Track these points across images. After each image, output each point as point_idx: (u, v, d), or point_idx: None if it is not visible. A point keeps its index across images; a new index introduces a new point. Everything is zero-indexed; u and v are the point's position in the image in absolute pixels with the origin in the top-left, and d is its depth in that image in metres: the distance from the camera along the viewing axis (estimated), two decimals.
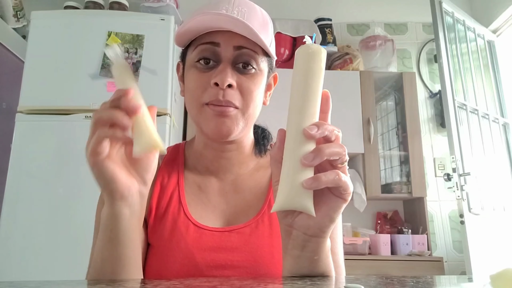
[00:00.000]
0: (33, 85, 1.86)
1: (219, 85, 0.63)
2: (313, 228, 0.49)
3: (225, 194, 0.72)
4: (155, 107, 0.54)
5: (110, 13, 2.20)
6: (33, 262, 1.68)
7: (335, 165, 0.47)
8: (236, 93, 0.65)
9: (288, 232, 0.51)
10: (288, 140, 0.46)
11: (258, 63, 0.67)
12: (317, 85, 0.46)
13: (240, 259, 0.65)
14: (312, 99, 0.46)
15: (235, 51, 0.65)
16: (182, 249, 0.65)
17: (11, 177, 1.76)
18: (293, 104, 0.47)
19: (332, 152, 0.45)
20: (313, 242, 0.50)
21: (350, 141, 2.38)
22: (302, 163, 0.44)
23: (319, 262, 0.52)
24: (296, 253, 0.51)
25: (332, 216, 0.48)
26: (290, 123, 0.46)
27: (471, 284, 0.53)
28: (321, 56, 0.47)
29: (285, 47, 2.60)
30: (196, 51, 0.67)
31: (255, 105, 0.68)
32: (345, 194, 0.47)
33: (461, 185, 1.95)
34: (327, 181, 0.44)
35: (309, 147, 0.45)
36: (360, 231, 2.46)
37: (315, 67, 0.46)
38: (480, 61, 2.47)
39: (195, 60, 0.67)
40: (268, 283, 0.45)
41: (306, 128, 0.45)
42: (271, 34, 0.70)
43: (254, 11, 0.67)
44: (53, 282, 0.47)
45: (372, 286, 0.44)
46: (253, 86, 0.66)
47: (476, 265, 1.84)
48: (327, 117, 0.49)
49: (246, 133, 0.72)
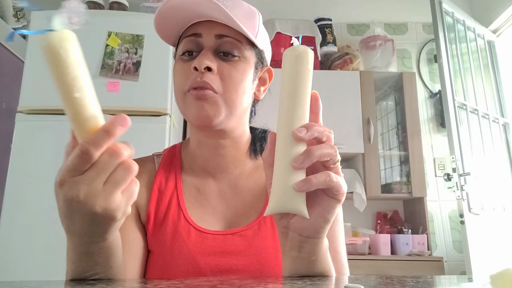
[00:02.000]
0: (33, 85, 1.86)
1: (198, 68, 0.63)
2: (308, 230, 0.48)
3: (224, 195, 0.71)
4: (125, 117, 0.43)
5: (110, 13, 2.19)
6: (33, 262, 1.68)
7: (327, 165, 0.46)
8: (216, 78, 0.64)
9: (285, 233, 0.51)
10: (279, 143, 0.46)
11: (241, 51, 0.66)
12: (305, 86, 0.46)
13: (244, 262, 0.64)
14: (301, 101, 0.46)
15: (217, 39, 0.65)
16: (184, 255, 0.64)
17: (11, 177, 1.76)
18: (282, 107, 0.46)
19: (322, 153, 0.44)
20: (309, 243, 0.49)
21: (350, 141, 2.38)
22: (292, 166, 0.44)
23: (317, 262, 0.51)
24: (294, 254, 0.51)
25: (326, 217, 0.48)
26: (280, 126, 0.46)
27: (471, 284, 0.53)
28: (308, 57, 0.46)
29: (285, 47, 2.58)
30: (181, 45, 0.68)
31: (239, 92, 0.66)
32: (338, 195, 0.47)
33: (461, 185, 1.95)
34: (317, 183, 0.44)
35: (300, 149, 0.44)
36: (360, 231, 2.46)
37: (302, 69, 0.46)
38: (480, 61, 2.47)
39: (180, 54, 0.67)
40: (268, 283, 0.44)
41: (295, 130, 0.44)
42: (258, 26, 0.69)
43: (239, 3, 0.67)
44: (53, 282, 0.47)
45: (372, 286, 0.44)
46: (235, 72, 0.65)
47: (476, 265, 1.84)
48: (318, 118, 0.49)
49: (238, 126, 0.70)
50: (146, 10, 2.36)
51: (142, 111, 1.82)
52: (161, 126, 1.84)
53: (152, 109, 1.84)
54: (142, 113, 1.82)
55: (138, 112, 1.81)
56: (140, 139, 1.78)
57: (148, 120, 1.82)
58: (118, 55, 1.89)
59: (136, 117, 1.82)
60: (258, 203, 0.70)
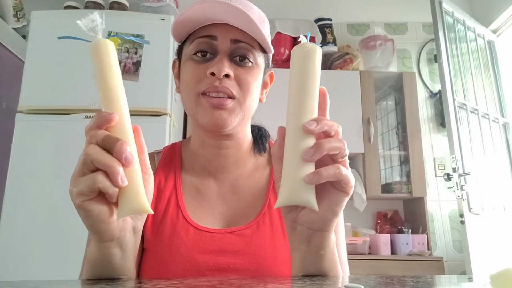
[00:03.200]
0: (33, 85, 1.86)
1: (216, 74, 0.63)
2: (317, 222, 0.49)
3: (223, 195, 0.71)
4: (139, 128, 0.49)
5: (110, 13, 2.19)
6: (33, 262, 1.68)
7: (336, 159, 0.47)
8: (234, 84, 0.65)
9: (293, 227, 0.51)
10: (288, 136, 0.47)
11: (255, 57, 0.67)
12: (314, 82, 0.47)
13: (242, 261, 0.65)
14: (310, 96, 0.47)
15: (232, 44, 0.65)
16: (182, 253, 0.64)
17: (11, 177, 1.76)
18: (291, 102, 0.47)
19: (332, 146, 0.45)
20: (318, 236, 0.50)
21: (350, 141, 2.35)
22: (302, 158, 0.45)
23: (325, 257, 0.52)
24: (303, 248, 0.51)
25: (335, 209, 0.48)
26: (289, 120, 0.47)
27: (471, 284, 0.53)
28: (316, 54, 0.47)
29: (285, 47, 2.60)
30: (193, 45, 0.67)
31: (252, 98, 0.67)
32: (347, 188, 0.47)
33: (461, 185, 1.95)
34: (328, 175, 0.45)
35: (309, 143, 0.45)
36: (360, 231, 2.46)
37: (311, 65, 0.47)
38: (480, 61, 2.47)
39: (192, 53, 0.67)
40: (268, 283, 0.44)
41: (305, 123, 0.45)
42: (267, 32, 0.70)
43: (250, 7, 0.67)
44: (53, 282, 0.47)
45: (372, 286, 0.44)
46: (250, 78, 0.66)
47: (476, 265, 1.84)
48: (325, 113, 0.49)
49: (243, 128, 0.71)
50: (146, 10, 2.36)
51: (142, 111, 1.82)
52: (161, 126, 1.84)
53: (152, 109, 1.84)
54: (142, 113, 1.82)
55: (138, 112, 1.81)
56: None
57: (148, 120, 1.82)
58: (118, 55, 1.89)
59: (136, 117, 1.82)
60: (258, 203, 0.70)
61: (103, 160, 0.42)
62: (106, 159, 0.42)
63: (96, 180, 0.42)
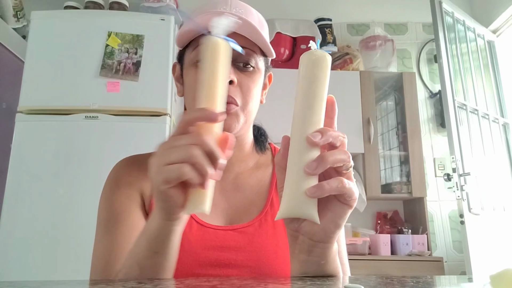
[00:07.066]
0: (33, 85, 1.86)
1: None
2: (319, 234, 0.48)
3: (225, 193, 0.72)
4: (231, 136, 0.49)
5: (110, 13, 2.20)
6: (33, 262, 1.68)
7: (340, 171, 0.46)
8: (237, 90, 0.66)
9: (295, 237, 0.50)
10: (292, 147, 0.46)
11: (256, 62, 0.69)
12: (322, 92, 0.46)
13: (244, 258, 0.65)
14: (317, 107, 0.45)
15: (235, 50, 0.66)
16: (185, 247, 0.64)
17: (11, 177, 1.76)
18: (297, 112, 0.46)
19: (336, 159, 0.44)
20: (319, 248, 0.49)
21: (350, 141, 2.32)
22: (305, 172, 0.44)
23: (326, 266, 0.51)
24: (303, 257, 0.50)
25: (338, 222, 0.48)
26: (294, 130, 0.46)
27: (471, 284, 0.53)
28: (326, 63, 0.46)
29: (285, 47, 2.60)
30: (196, 51, 0.68)
31: (254, 102, 0.69)
32: (350, 201, 0.47)
33: (461, 185, 1.94)
34: (330, 189, 0.44)
35: (313, 155, 0.44)
36: (360, 231, 2.46)
37: (320, 74, 0.46)
38: (480, 61, 2.47)
39: (196, 60, 0.67)
40: (268, 283, 0.44)
41: (310, 135, 0.44)
42: (267, 35, 0.72)
43: (250, 12, 0.68)
44: (53, 282, 0.47)
45: (372, 286, 0.44)
46: (252, 83, 0.68)
47: (476, 265, 1.84)
48: (333, 122, 0.49)
49: (246, 131, 0.73)
50: (146, 10, 2.36)
51: (142, 111, 1.82)
52: (161, 126, 1.84)
53: (152, 109, 1.84)
54: (142, 113, 1.82)
55: (138, 112, 1.81)
56: (140, 139, 1.78)
57: (148, 120, 1.82)
58: (118, 55, 1.89)
59: (136, 117, 1.82)
60: (260, 200, 0.71)
61: (204, 168, 0.43)
62: (208, 169, 0.44)
63: (184, 173, 0.43)
